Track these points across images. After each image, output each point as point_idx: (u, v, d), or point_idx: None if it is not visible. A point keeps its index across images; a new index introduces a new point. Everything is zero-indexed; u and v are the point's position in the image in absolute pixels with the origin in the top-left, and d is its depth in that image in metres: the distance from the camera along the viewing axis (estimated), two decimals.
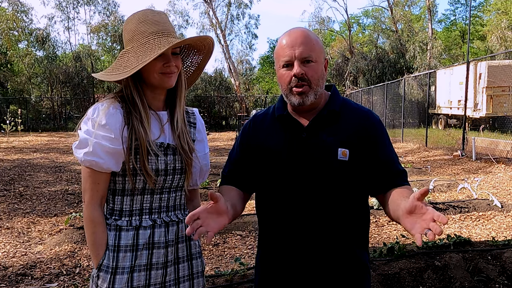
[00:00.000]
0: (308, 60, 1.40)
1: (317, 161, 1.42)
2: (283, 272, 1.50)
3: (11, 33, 28.80)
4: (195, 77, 1.65)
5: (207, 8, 31.65)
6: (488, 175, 8.23)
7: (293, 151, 1.45)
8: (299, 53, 1.39)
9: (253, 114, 1.77)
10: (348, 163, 1.41)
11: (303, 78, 1.39)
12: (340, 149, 1.41)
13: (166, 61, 1.41)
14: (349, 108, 1.50)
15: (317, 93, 1.43)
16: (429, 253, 3.43)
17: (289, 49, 1.40)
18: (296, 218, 1.44)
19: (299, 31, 1.43)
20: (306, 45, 1.40)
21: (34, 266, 3.90)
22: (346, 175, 1.42)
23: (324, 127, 1.45)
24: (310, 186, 1.42)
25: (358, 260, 1.49)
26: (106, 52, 32.92)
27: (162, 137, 1.49)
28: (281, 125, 1.51)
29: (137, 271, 1.44)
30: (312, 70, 1.40)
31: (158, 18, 1.43)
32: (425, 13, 34.59)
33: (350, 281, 1.47)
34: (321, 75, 1.43)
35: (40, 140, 18.26)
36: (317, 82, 1.42)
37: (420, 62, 25.21)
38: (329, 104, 1.48)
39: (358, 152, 1.42)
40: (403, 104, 16.77)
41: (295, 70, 1.39)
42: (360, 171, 1.44)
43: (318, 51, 1.42)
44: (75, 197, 6.82)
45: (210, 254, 4.26)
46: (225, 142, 18.28)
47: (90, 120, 1.41)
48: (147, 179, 1.42)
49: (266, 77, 44.42)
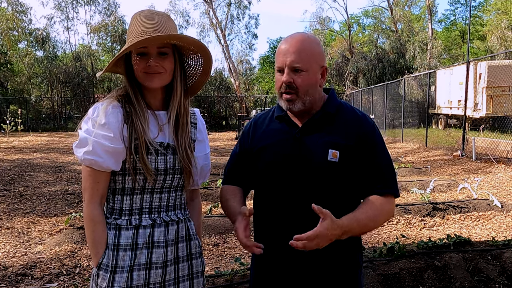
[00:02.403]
0: (297, 69, 1.44)
1: (307, 161, 1.47)
2: (275, 269, 1.53)
3: (11, 33, 28.79)
4: (202, 82, 1.62)
5: (207, 8, 31.65)
6: (488, 175, 8.23)
7: (287, 150, 1.50)
8: (290, 61, 1.44)
9: (254, 115, 1.83)
10: (338, 165, 1.45)
11: (291, 86, 1.45)
12: (331, 151, 1.45)
13: (148, 61, 1.42)
14: (345, 111, 1.55)
15: (305, 101, 1.47)
16: (429, 253, 3.43)
17: (282, 56, 1.45)
18: (287, 217, 1.48)
19: (295, 39, 1.47)
20: (299, 54, 1.43)
21: (34, 266, 3.90)
22: (335, 176, 1.46)
23: (317, 128, 1.50)
24: (301, 185, 1.47)
25: (349, 259, 1.52)
26: (106, 52, 32.91)
27: (161, 136, 1.49)
28: (279, 126, 1.57)
29: (137, 270, 1.44)
30: (300, 79, 1.44)
31: (149, 19, 1.42)
32: (425, 13, 34.59)
33: (342, 280, 1.50)
34: (311, 83, 1.47)
35: (40, 140, 18.26)
36: (305, 91, 1.46)
37: (420, 62, 25.21)
38: (324, 106, 1.53)
39: (349, 154, 1.46)
40: (403, 104, 16.77)
41: (284, 78, 1.45)
42: (350, 174, 1.47)
43: (311, 60, 1.45)
44: (75, 197, 6.82)
45: (210, 254, 4.26)
46: (225, 142, 18.28)
47: (90, 119, 1.42)
48: (148, 177, 1.43)
49: (266, 77, 44.40)
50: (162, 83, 1.47)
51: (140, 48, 1.41)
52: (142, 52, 1.42)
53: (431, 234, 4.77)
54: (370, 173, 1.47)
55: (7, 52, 29.09)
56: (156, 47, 1.42)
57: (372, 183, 1.47)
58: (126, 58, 1.49)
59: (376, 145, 1.50)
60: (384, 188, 1.47)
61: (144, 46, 1.41)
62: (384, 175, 1.48)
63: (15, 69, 32.00)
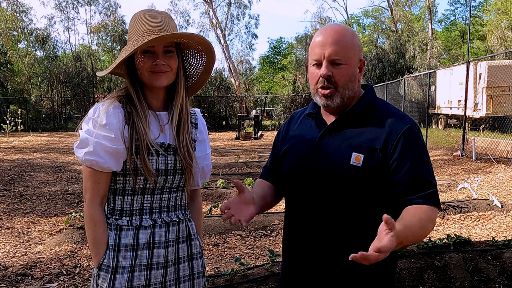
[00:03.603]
0: (337, 62, 1.33)
1: (328, 163, 1.36)
2: (298, 271, 1.47)
3: (11, 33, 28.78)
4: (203, 80, 1.63)
5: (207, 8, 31.67)
6: (488, 175, 8.23)
7: (309, 151, 1.41)
8: (329, 53, 1.32)
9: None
10: (361, 169, 1.31)
11: (330, 80, 1.34)
12: (354, 154, 1.32)
13: (155, 59, 1.41)
14: (381, 110, 1.39)
15: (344, 96, 1.36)
16: (429, 253, 3.43)
17: (320, 48, 1.34)
18: (307, 220, 1.41)
19: (333, 29, 1.36)
20: (338, 45, 1.32)
21: (34, 266, 3.90)
22: (357, 182, 1.32)
23: (344, 127, 1.38)
24: (321, 188, 1.37)
25: (371, 268, 1.27)
26: (106, 52, 32.91)
27: (162, 137, 1.49)
28: (308, 124, 1.48)
29: (137, 271, 1.44)
30: (340, 73, 1.33)
31: (154, 18, 1.42)
32: (425, 13, 34.60)
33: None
34: (351, 78, 1.35)
35: (40, 140, 18.25)
36: (345, 86, 1.35)
37: (420, 62, 25.20)
38: (356, 104, 1.40)
39: (375, 159, 1.31)
40: (403, 104, 16.78)
41: (322, 71, 1.33)
42: (376, 180, 1.32)
43: (351, 52, 1.33)
44: (75, 197, 6.82)
45: (210, 254, 4.26)
46: (225, 142, 18.25)
47: (91, 120, 1.42)
48: (148, 178, 1.42)
49: (266, 77, 44.41)
50: (169, 82, 1.47)
51: (147, 47, 1.41)
52: (148, 50, 1.42)
53: (431, 234, 4.77)
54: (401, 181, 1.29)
55: (7, 52, 29.07)
56: (162, 45, 1.42)
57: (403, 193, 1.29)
58: (128, 58, 1.49)
59: (408, 149, 1.30)
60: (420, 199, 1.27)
61: (151, 45, 1.40)
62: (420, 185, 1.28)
63: (15, 69, 31.98)
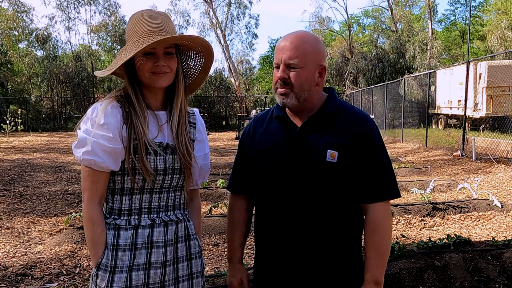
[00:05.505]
0: (293, 66, 1.44)
1: (305, 162, 1.46)
2: (275, 269, 1.53)
3: (11, 33, 28.78)
4: (200, 80, 1.63)
5: (207, 8, 31.64)
6: (488, 175, 8.23)
7: (286, 151, 1.50)
8: (285, 58, 1.44)
9: (254, 115, 1.83)
10: (336, 165, 1.44)
11: (285, 81, 1.45)
12: (329, 151, 1.44)
13: (156, 60, 1.42)
14: (345, 111, 1.53)
15: (299, 97, 1.46)
16: (429, 253, 3.43)
17: (280, 53, 1.46)
18: (286, 218, 1.49)
19: (294, 35, 1.47)
20: (296, 50, 1.43)
21: (34, 266, 3.90)
22: (333, 177, 1.45)
23: (316, 128, 1.49)
24: (299, 186, 1.46)
25: (348, 260, 1.51)
26: (106, 52, 32.92)
27: (160, 136, 1.49)
28: (278, 126, 1.56)
29: (136, 270, 1.44)
30: (295, 75, 1.44)
31: (154, 18, 1.43)
32: (425, 13, 34.57)
33: (340, 281, 1.49)
34: (306, 80, 1.45)
35: (40, 140, 18.25)
36: (300, 87, 1.45)
37: (420, 62, 25.18)
38: (324, 106, 1.52)
39: (348, 155, 1.44)
40: (403, 104, 16.77)
41: (278, 74, 1.46)
42: (349, 174, 1.46)
43: (307, 57, 1.44)
44: (75, 197, 6.82)
45: (210, 254, 4.26)
46: (225, 142, 18.26)
47: (89, 119, 1.42)
48: (146, 177, 1.42)
49: (266, 77, 44.38)
50: (169, 83, 1.48)
51: (149, 49, 1.41)
52: (149, 52, 1.42)
53: (431, 234, 4.77)
54: (368, 173, 1.46)
55: (7, 52, 29.07)
56: (163, 47, 1.42)
57: (370, 183, 1.46)
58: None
59: (375, 145, 1.48)
60: (380, 194, 1.47)
61: (153, 47, 1.41)
62: (383, 176, 1.48)
63: (15, 69, 31.98)
